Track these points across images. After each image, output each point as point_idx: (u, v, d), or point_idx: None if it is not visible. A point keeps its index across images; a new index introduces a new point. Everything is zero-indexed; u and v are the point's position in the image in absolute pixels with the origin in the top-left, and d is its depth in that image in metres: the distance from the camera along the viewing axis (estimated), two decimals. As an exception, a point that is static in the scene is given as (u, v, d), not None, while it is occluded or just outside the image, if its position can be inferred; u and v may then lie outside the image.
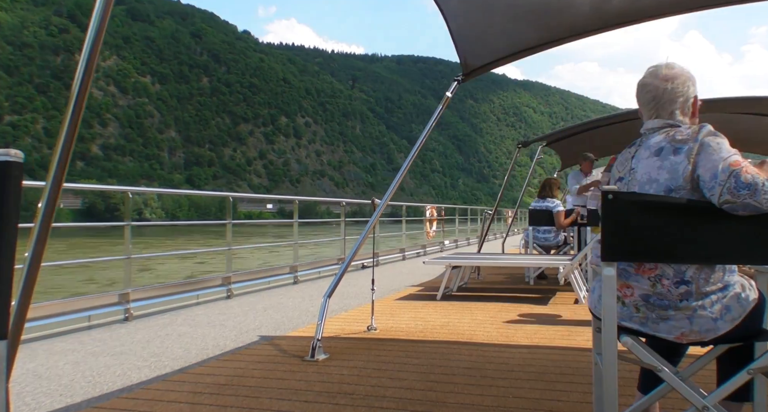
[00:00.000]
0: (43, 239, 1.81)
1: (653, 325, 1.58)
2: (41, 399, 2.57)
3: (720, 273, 1.56)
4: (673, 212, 1.52)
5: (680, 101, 1.71)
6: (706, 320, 1.53)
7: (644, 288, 1.59)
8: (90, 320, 4.28)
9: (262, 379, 2.82)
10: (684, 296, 1.54)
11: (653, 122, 1.73)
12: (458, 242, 15.55)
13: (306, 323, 4.33)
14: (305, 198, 9.32)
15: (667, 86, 1.71)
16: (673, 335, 1.56)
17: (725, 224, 1.50)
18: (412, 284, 6.85)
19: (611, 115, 8.22)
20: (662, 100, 1.71)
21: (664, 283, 1.56)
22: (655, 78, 1.73)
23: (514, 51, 4.10)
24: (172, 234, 35.29)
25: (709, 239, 1.51)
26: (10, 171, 1.00)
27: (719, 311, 1.53)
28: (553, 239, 7.03)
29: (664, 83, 1.71)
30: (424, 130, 4.28)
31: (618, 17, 3.62)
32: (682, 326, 1.54)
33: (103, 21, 1.90)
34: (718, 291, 1.55)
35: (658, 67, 1.74)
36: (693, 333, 1.54)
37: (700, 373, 1.77)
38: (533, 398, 2.50)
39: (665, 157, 1.61)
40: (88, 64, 1.88)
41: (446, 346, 3.53)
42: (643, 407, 1.71)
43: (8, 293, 1.02)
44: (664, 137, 1.66)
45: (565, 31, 3.86)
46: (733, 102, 6.19)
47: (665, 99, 1.71)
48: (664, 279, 1.56)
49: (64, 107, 1.89)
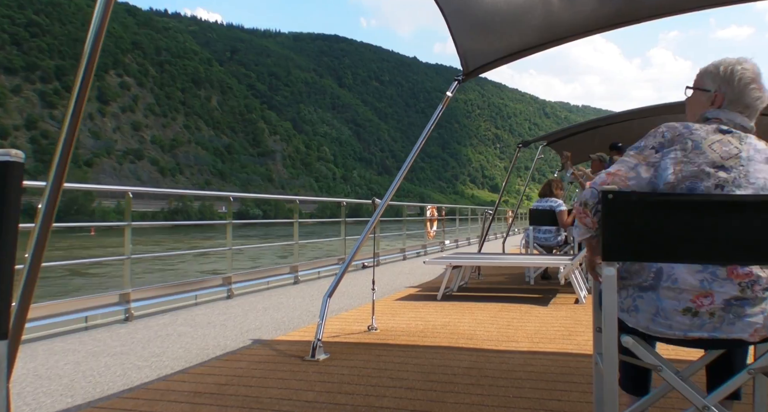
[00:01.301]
0: (44, 239, 1.81)
1: (728, 326, 1.49)
2: (42, 399, 2.57)
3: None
4: (676, 211, 1.51)
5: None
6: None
7: (731, 293, 1.48)
8: (91, 320, 4.28)
9: (262, 379, 2.82)
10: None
11: (747, 122, 1.67)
12: (458, 241, 15.56)
13: (306, 323, 4.33)
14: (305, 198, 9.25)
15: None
16: (748, 333, 1.49)
17: (730, 222, 1.48)
18: (413, 284, 6.85)
19: (612, 115, 8.23)
20: (760, 106, 1.68)
21: (756, 289, 1.49)
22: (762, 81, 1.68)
23: (515, 51, 4.10)
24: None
25: (713, 238, 1.49)
26: (11, 171, 1.00)
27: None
28: (553, 239, 7.03)
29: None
30: (424, 130, 4.27)
31: (618, 17, 3.62)
32: (757, 321, 1.48)
33: (103, 21, 1.90)
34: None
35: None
36: (765, 328, 1.49)
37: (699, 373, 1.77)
38: (533, 398, 2.50)
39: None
40: (88, 64, 1.88)
41: (446, 346, 3.53)
42: (643, 408, 1.71)
43: (9, 293, 1.02)
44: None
45: (565, 31, 3.86)
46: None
47: (760, 107, 1.68)
48: (757, 285, 1.48)
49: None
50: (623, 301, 1.61)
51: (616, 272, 1.54)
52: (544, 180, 7.77)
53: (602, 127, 7.99)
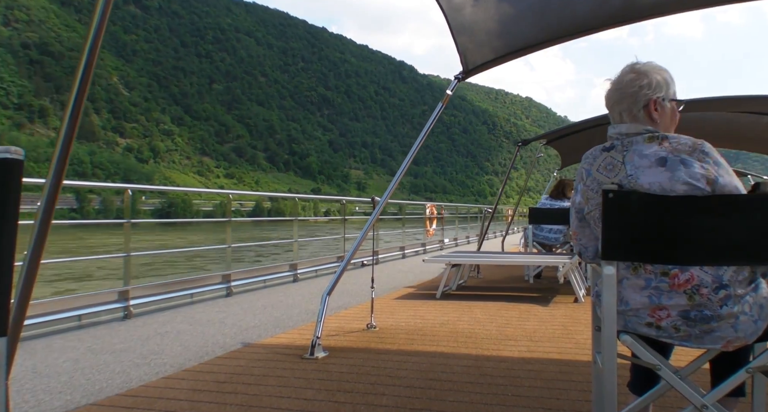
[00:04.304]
0: (43, 236, 1.81)
1: (697, 340, 1.51)
2: (41, 396, 2.57)
3: (749, 273, 1.52)
4: (675, 210, 1.51)
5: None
6: (749, 324, 1.49)
7: (681, 304, 1.50)
8: (90, 318, 4.28)
9: (261, 377, 2.82)
10: (724, 300, 1.48)
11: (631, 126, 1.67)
12: (458, 240, 15.56)
13: (306, 321, 4.33)
14: (303, 196, 9.26)
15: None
16: (719, 345, 1.51)
17: (730, 221, 1.48)
18: (412, 282, 6.85)
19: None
20: (637, 92, 1.68)
21: (702, 292, 1.49)
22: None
23: (514, 49, 4.10)
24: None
25: (713, 238, 1.49)
26: (11, 168, 1.00)
27: (757, 311, 1.50)
28: (561, 238, 6.99)
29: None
30: (423, 129, 4.27)
31: (617, 16, 3.62)
32: (728, 334, 1.49)
33: (102, 21, 1.90)
34: (751, 291, 1.52)
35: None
36: (738, 339, 1.50)
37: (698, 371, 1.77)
38: (532, 397, 2.50)
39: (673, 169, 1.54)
40: (88, 63, 1.88)
41: (445, 344, 3.53)
42: (641, 406, 1.71)
43: (8, 291, 1.01)
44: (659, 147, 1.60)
45: (564, 30, 3.85)
46: (731, 101, 6.19)
47: (638, 92, 1.68)
48: (702, 288, 1.49)
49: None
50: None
51: (615, 271, 1.54)
52: (542, 179, 7.74)
53: (602, 126, 7.99)
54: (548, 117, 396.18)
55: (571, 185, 7.20)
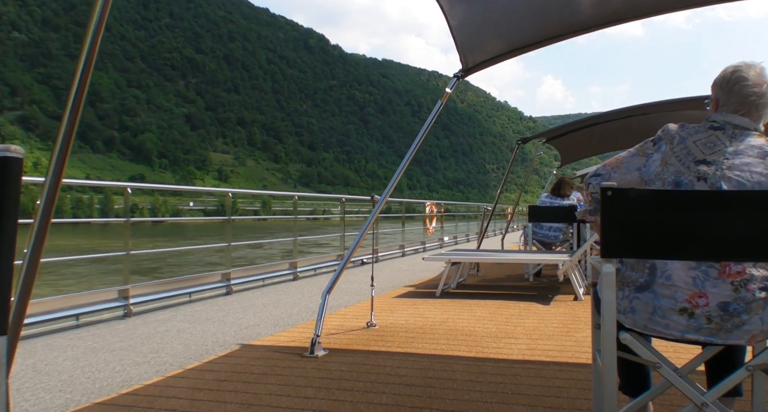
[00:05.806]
0: (43, 234, 1.81)
1: (725, 334, 1.50)
2: (41, 395, 2.57)
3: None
4: (676, 206, 1.51)
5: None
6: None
7: (725, 295, 1.48)
8: (90, 316, 4.28)
9: (261, 375, 2.82)
10: (765, 299, 1.48)
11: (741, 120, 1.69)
12: (457, 238, 15.57)
13: (305, 320, 4.33)
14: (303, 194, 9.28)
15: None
16: (744, 340, 1.50)
17: (732, 217, 1.47)
18: (412, 280, 6.85)
19: (611, 111, 8.21)
20: (759, 102, 1.69)
21: (750, 287, 1.47)
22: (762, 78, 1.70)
23: (514, 48, 4.09)
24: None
25: (714, 234, 1.49)
26: (10, 167, 1.00)
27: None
28: (561, 236, 6.99)
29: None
30: (423, 128, 4.27)
31: (617, 14, 3.61)
32: (754, 328, 1.48)
33: (101, 20, 1.90)
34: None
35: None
36: (762, 333, 1.50)
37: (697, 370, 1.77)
38: (532, 395, 2.51)
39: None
40: (87, 62, 1.87)
41: (445, 342, 3.54)
42: (641, 404, 1.72)
43: (8, 289, 1.02)
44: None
45: (564, 28, 3.85)
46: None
47: (759, 102, 1.69)
48: (751, 283, 1.48)
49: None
50: (620, 302, 1.63)
51: (615, 269, 1.55)
52: (540, 177, 7.73)
53: (601, 124, 7.99)
54: (486, 101, 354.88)
55: (570, 184, 7.20)
